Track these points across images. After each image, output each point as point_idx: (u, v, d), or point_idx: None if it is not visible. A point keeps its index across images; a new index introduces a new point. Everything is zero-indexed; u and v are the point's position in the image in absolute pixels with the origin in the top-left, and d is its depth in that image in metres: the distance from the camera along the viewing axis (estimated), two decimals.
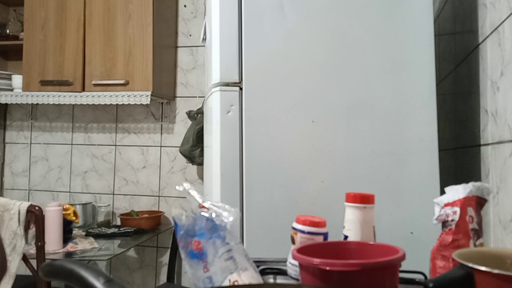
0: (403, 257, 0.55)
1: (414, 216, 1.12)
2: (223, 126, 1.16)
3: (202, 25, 1.81)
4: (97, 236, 2.05)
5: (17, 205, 1.51)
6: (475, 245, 0.69)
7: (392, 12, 1.17)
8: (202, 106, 2.19)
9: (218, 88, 1.17)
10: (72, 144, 2.69)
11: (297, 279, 0.73)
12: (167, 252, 2.51)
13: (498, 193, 0.97)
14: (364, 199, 0.72)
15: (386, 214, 1.11)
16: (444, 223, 0.72)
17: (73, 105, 2.68)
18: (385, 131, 1.15)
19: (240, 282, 0.61)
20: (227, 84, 1.17)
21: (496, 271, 0.49)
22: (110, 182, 2.63)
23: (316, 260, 0.52)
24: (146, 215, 2.38)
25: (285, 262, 0.77)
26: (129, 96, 2.25)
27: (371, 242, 0.68)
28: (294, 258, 0.55)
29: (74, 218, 1.94)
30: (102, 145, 2.65)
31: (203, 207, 0.67)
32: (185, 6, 2.59)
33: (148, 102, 2.24)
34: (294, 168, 1.15)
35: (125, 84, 2.25)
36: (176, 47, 2.59)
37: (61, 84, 2.32)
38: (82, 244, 1.89)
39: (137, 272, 2.58)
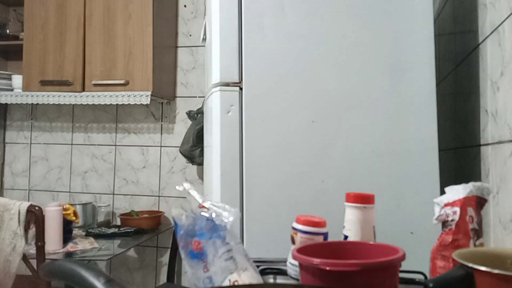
0: (403, 257, 0.55)
1: (414, 216, 1.12)
2: (223, 126, 1.16)
3: (202, 25, 1.81)
4: (97, 236, 2.05)
5: (17, 205, 1.51)
6: (475, 245, 0.69)
7: (392, 12, 1.17)
8: (202, 106, 2.19)
9: (218, 88, 1.17)
10: (72, 144, 2.69)
11: (297, 279, 0.73)
12: (167, 252, 2.51)
13: (498, 193, 0.97)
14: (364, 199, 0.72)
15: (386, 214, 1.11)
16: (444, 223, 0.72)
17: (73, 105, 2.68)
18: (385, 131, 1.15)
19: (240, 282, 0.61)
20: (227, 84, 1.17)
21: (496, 271, 0.49)
22: (110, 182, 2.63)
23: (316, 260, 0.51)
24: (146, 215, 2.38)
25: (285, 262, 0.77)
26: (129, 96, 2.25)
27: (371, 242, 0.68)
28: (294, 258, 0.55)
29: (74, 218, 1.94)
30: (102, 145, 2.65)
31: (203, 207, 0.67)
32: (185, 6, 2.59)
33: (148, 102, 2.24)
34: (294, 168, 1.15)
35: (125, 84, 2.25)
36: (176, 47, 2.59)
37: (61, 84, 2.32)
38: (82, 244, 1.89)
39: (137, 272, 2.58)
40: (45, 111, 2.74)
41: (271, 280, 0.75)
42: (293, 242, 0.73)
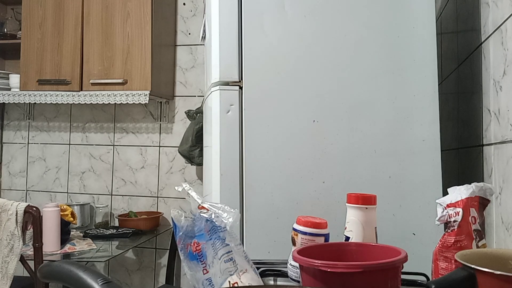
0: (405, 259, 0.54)
1: (416, 217, 1.11)
2: (222, 126, 1.15)
3: (202, 23, 1.80)
4: (95, 237, 2.04)
5: (14, 205, 1.50)
6: (477, 246, 0.69)
7: (394, 11, 1.16)
8: (202, 105, 2.18)
9: (217, 87, 1.16)
10: (69, 144, 2.68)
11: (298, 281, 0.72)
12: (166, 253, 2.49)
13: (501, 193, 0.97)
14: (366, 200, 0.72)
15: (388, 215, 1.10)
16: (447, 224, 0.71)
17: (71, 104, 2.66)
18: (387, 131, 1.14)
19: (240, 284, 0.60)
20: (227, 83, 1.16)
21: (498, 272, 0.50)
22: (108, 182, 2.61)
23: (317, 262, 0.51)
24: (145, 216, 2.37)
25: (286, 263, 0.76)
26: (127, 95, 2.24)
27: (373, 244, 0.67)
28: (295, 259, 0.55)
29: (71, 219, 1.93)
30: (100, 145, 2.64)
31: (203, 208, 0.66)
32: (184, 4, 2.58)
33: (147, 102, 2.23)
34: (295, 168, 1.14)
35: (124, 83, 2.24)
36: (175, 45, 2.58)
37: (59, 83, 2.31)
38: (80, 245, 1.88)
39: (136, 273, 2.57)
40: (42, 111, 2.72)
41: (271, 282, 0.74)
42: (294, 243, 0.73)
